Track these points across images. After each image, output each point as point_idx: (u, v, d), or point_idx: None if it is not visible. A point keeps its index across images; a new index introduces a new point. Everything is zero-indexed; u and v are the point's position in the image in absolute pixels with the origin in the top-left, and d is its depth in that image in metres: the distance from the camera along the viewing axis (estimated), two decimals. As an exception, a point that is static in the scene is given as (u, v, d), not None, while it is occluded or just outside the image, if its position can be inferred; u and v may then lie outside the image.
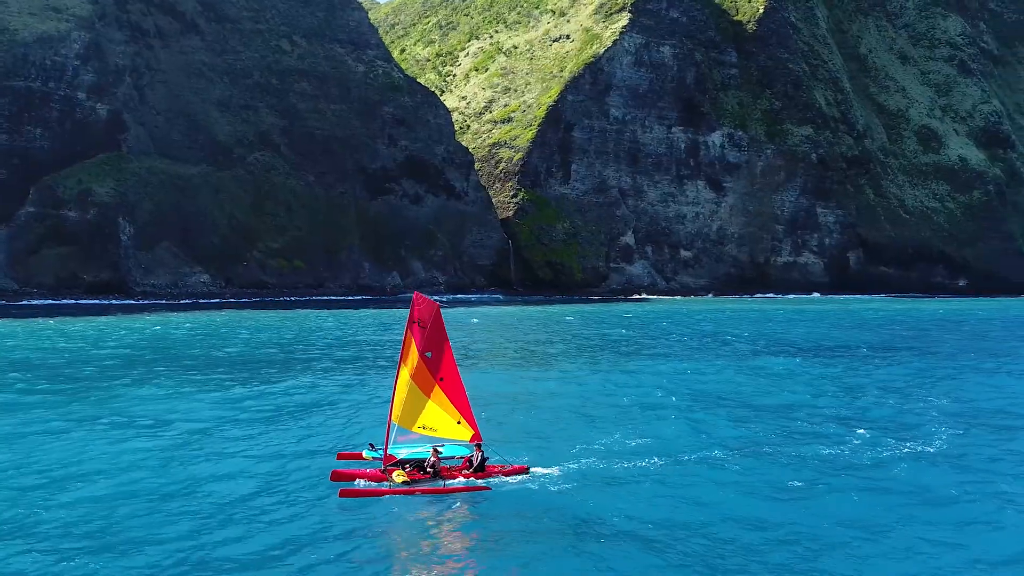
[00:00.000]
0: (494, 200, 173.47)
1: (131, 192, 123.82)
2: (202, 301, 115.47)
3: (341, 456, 23.89)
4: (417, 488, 21.16)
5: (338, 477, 21.60)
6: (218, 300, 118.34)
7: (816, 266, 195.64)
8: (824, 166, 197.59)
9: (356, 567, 16.66)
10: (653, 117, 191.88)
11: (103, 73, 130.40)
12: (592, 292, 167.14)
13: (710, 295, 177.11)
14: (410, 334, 22.40)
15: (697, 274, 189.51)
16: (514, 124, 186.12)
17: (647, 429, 29.30)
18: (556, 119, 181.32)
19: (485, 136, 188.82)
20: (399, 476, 21.26)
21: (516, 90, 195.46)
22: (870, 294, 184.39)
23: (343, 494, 20.47)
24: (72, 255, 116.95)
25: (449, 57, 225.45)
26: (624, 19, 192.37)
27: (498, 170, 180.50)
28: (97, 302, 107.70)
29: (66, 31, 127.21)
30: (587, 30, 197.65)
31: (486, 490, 21.42)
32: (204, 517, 19.09)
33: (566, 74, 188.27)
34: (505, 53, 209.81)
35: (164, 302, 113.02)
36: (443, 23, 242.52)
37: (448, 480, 21.79)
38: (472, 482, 21.79)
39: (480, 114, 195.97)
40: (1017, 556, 18.03)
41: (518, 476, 22.27)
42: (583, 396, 37.05)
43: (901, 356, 56.10)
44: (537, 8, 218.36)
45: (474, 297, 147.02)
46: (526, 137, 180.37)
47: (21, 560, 16.50)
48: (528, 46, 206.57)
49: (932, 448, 27.13)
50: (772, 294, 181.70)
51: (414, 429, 22.61)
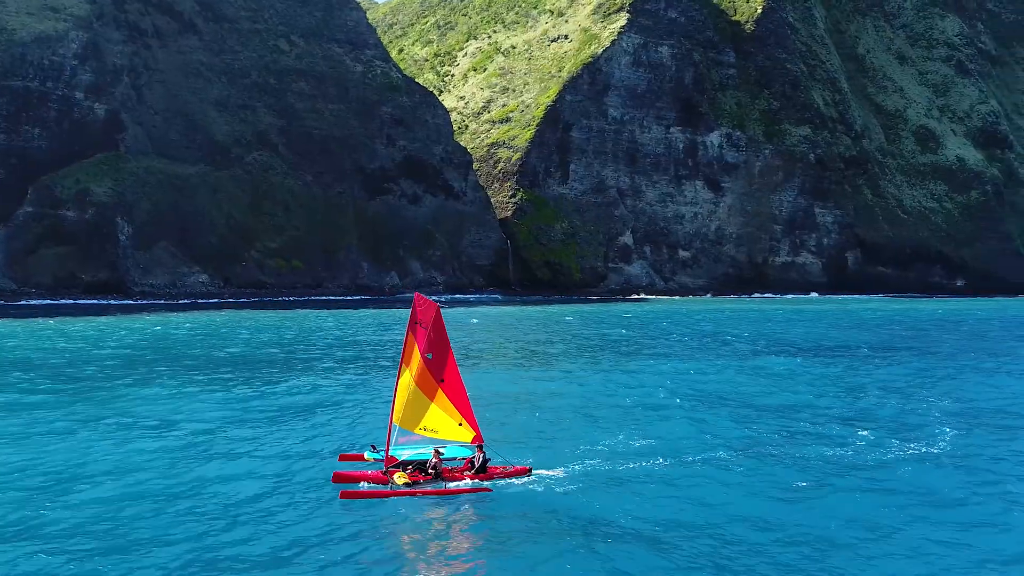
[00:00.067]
0: (492, 200, 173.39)
1: (129, 192, 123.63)
2: (200, 301, 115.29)
3: (343, 458, 23.84)
4: (418, 490, 21.11)
5: (340, 479, 21.54)
6: (216, 300, 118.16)
7: (814, 266, 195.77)
8: (822, 166, 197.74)
9: (357, 569, 16.62)
10: (651, 117, 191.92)
11: (101, 73, 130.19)
12: (590, 292, 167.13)
13: (708, 295, 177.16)
14: (411, 335, 22.34)
15: (695, 274, 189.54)
16: (512, 124, 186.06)
17: (650, 430, 29.28)
18: (554, 119, 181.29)
19: (483, 136, 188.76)
20: (400, 478, 21.21)
21: (514, 90, 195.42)
22: (868, 294, 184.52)
23: (344, 496, 20.44)
24: (70, 255, 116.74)
25: (447, 57, 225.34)
26: (622, 19, 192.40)
27: (496, 170, 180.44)
28: (95, 302, 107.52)
29: (64, 31, 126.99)
30: (585, 30, 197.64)
31: (488, 491, 21.39)
32: (206, 519, 19.06)
33: (564, 74, 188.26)
34: (503, 53, 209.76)
35: (163, 302, 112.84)
36: (441, 23, 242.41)
37: (449, 482, 21.73)
38: (473, 483, 21.74)
39: (478, 114, 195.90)
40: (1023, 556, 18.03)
41: (520, 477, 22.22)
42: (585, 396, 37.02)
43: (901, 356, 56.16)
44: (535, 8, 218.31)
45: (472, 297, 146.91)
46: (524, 137, 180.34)
47: (29, 561, 16.47)
48: (526, 46, 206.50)
49: (936, 449, 27.16)
50: (770, 294, 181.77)
51: (415, 431, 22.57)
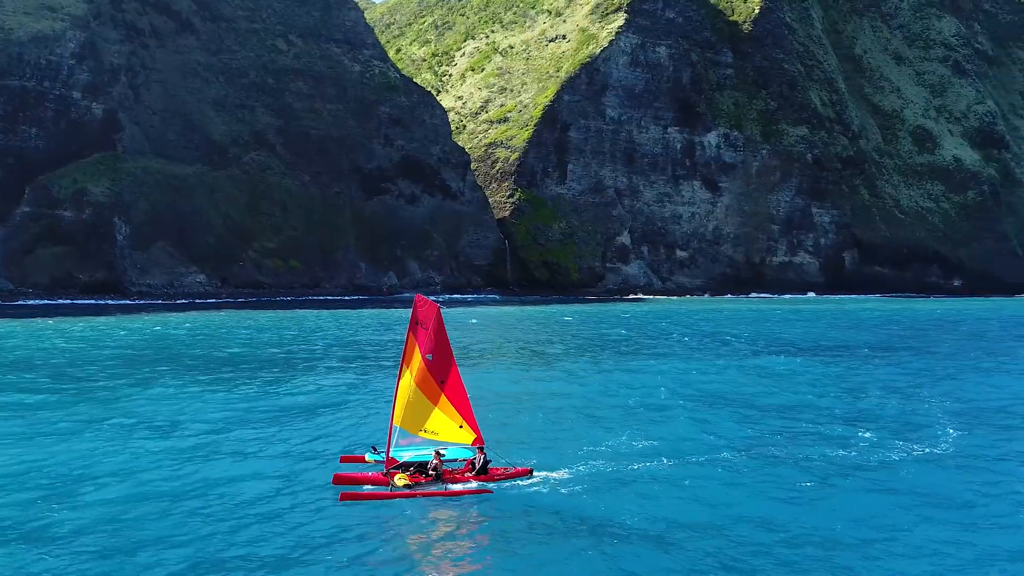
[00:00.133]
0: (490, 200, 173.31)
1: (126, 192, 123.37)
2: (198, 301, 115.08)
3: (344, 459, 23.75)
4: (419, 491, 21.02)
5: (340, 480, 21.48)
6: (214, 300, 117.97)
7: (811, 266, 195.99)
8: (819, 166, 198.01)
9: (357, 570, 16.58)
10: (649, 117, 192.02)
11: (98, 72, 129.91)
12: (588, 292, 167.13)
13: (706, 295, 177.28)
14: (412, 336, 22.22)
15: (693, 274, 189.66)
16: (510, 124, 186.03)
17: (652, 430, 29.21)
18: (552, 119, 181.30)
19: (481, 136, 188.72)
20: (401, 479, 21.12)
21: (512, 90, 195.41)
22: (865, 294, 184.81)
23: (344, 498, 20.36)
24: (67, 255, 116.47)
25: (445, 57, 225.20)
26: (620, 19, 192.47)
27: (494, 170, 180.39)
28: (93, 302, 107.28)
29: (61, 30, 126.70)
30: (583, 30, 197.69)
31: (488, 493, 21.32)
32: (207, 520, 19.01)
33: (562, 74, 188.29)
34: (501, 53, 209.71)
35: (160, 302, 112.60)
36: (439, 23, 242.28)
37: (450, 483, 21.63)
38: (474, 485, 21.67)
39: (476, 114, 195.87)
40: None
41: (521, 478, 22.12)
42: (586, 396, 36.97)
43: (901, 356, 56.22)
44: (533, 8, 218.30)
45: (470, 297, 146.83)
46: (522, 137, 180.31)
47: (36, 562, 16.43)
48: (524, 46, 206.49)
49: (939, 449, 27.16)
50: (767, 294, 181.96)
51: (416, 432, 22.46)
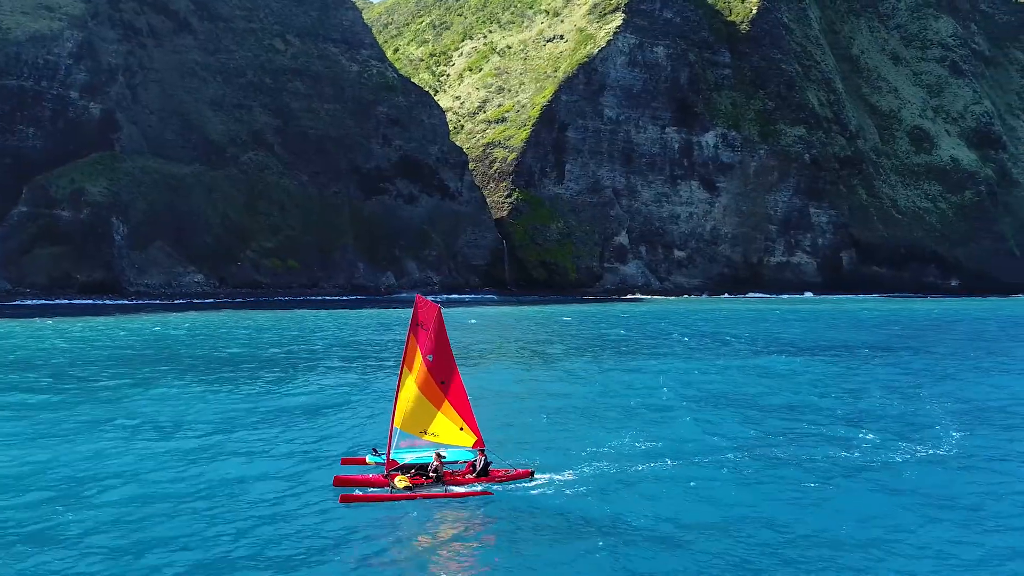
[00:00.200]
0: (488, 200, 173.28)
1: (124, 192, 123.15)
2: (196, 301, 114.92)
3: (345, 461, 23.68)
4: (419, 493, 20.95)
5: (341, 482, 21.41)
6: (212, 300, 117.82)
7: (809, 266, 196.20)
8: (817, 166, 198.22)
9: (357, 572, 16.54)
10: (647, 117, 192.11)
11: (96, 72, 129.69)
12: (586, 292, 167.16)
13: (704, 295, 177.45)
14: (413, 337, 22.08)
15: (691, 274, 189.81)
16: (508, 124, 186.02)
17: (654, 431, 29.15)
18: (550, 119, 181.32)
19: (479, 136, 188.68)
20: (401, 481, 21.04)
21: (510, 90, 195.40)
22: (862, 294, 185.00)
23: (344, 499, 20.29)
24: (65, 255, 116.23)
25: (443, 57, 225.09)
26: (618, 19, 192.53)
27: (492, 170, 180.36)
28: (91, 302, 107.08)
29: (59, 30, 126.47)
30: (581, 30, 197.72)
31: (489, 495, 21.25)
32: (207, 521, 18.96)
33: (560, 74, 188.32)
34: (499, 53, 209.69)
35: (158, 302, 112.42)
36: (437, 23, 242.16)
37: (451, 485, 21.55)
38: (475, 487, 21.58)
39: (474, 114, 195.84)
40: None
41: (522, 480, 22.05)
42: (587, 397, 36.92)
43: (901, 356, 56.27)
44: (531, 8, 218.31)
45: (468, 297, 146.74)
46: (520, 137, 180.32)
47: (43, 564, 16.41)
48: (522, 46, 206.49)
49: (942, 449, 27.18)
50: (765, 294, 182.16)
51: (416, 434, 22.37)
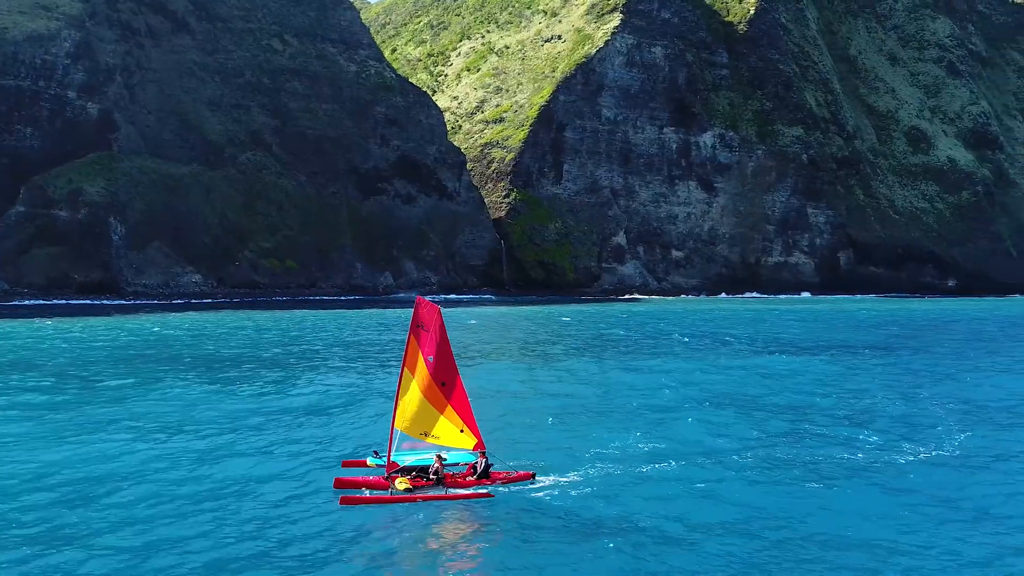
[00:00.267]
0: (486, 200, 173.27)
1: (122, 192, 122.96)
2: (194, 301, 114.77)
3: (346, 464, 23.59)
4: (420, 495, 20.88)
5: (341, 484, 21.32)
6: (210, 300, 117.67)
7: (807, 266, 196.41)
8: (814, 167, 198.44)
9: (358, 574, 16.50)
10: (645, 117, 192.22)
11: (94, 72, 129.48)
12: (584, 292, 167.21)
13: (701, 295, 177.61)
14: (414, 339, 21.91)
15: (688, 274, 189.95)
16: (506, 124, 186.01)
17: (657, 432, 29.07)
18: (548, 119, 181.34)
19: (477, 136, 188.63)
20: (402, 483, 20.97)
21: (508, 90, 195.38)
22: (860, 294, 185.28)
23: (344, 502, 20.22)
24: (63, 255, 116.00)
25: (441, 57, 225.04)
26: (616, 20, 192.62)
27: (490, 170, 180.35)
28: (89, 302, 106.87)
29: (56, 30, 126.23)
30: (579, 30, 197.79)
31: (490, 497, 21.16)
32: (207, 522, 18.93)
33: (558, 74, 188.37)
34: (497, 53, 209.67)
35: (156, 302, 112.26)
36: (434, 23, 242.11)
37: (451, 487, 21.45)
38: (476, 489, 21.48)
39: (472, 114, 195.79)
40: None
41: (523, 483, 21.94)
42: (589, 398, 36.83)
43: (900, 356, 56.33)
44: (529, 8, 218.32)
45: (466, 297, 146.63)
46: (518, 137, 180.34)
47: (52, 564, 16.42)
48: (520, 46, 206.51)
49: (945, 449, 27.21)
50: (763, 294, 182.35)
51: (417, 436, 22.26)
